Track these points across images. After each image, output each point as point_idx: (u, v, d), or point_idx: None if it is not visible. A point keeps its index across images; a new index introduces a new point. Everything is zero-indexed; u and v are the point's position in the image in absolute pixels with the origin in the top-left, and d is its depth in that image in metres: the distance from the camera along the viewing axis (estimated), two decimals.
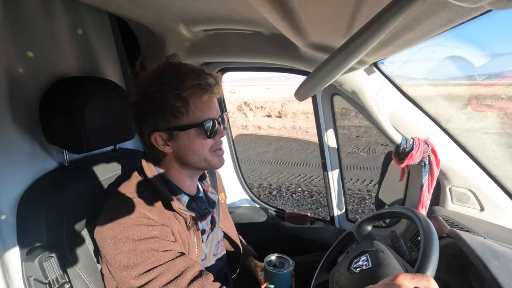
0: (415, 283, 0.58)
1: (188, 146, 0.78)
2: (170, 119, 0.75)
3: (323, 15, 0.67)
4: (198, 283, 0.70)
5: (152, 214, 0.74)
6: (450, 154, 1.07)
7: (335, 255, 1.01)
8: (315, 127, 1.52)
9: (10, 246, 0.83)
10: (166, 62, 0.78)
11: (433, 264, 0.65)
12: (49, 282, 0.80)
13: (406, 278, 0.58)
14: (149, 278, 0.68)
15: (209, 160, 0.81)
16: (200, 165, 0.82)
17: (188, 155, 0.79)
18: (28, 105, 0.91)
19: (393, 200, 1.35)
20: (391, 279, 0.60)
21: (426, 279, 0.59)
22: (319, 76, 0.65)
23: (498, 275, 0.67)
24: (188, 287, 0.69)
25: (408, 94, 1.12)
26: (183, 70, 0.75)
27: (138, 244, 0.69)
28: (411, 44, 0.74)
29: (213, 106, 0.79)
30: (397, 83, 1.12)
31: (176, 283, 0.69)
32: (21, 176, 0.88)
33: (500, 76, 5.55)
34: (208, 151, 0.80)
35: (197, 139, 0.77)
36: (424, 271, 0.63)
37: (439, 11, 0.49)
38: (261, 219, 1.69)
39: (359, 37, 0.49)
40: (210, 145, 0.80)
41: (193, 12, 0.97)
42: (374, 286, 0.61)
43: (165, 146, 0.78)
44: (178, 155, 0.80)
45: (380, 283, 0.62)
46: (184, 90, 0.72)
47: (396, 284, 0.58)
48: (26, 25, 0.88)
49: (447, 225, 0.97)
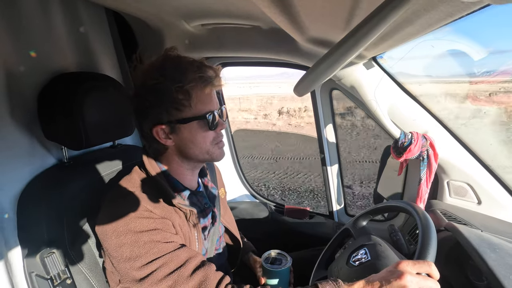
0: (417, 269, 0.60)
1: (190, 139, 0.78)
2: (172, 112, 0.75)
3: (322, 9, 0.66)
4: (201, 272, 0.70)
5: (153, 207, 0.74)
6: (448, 148, 1.08)
7: (332, 251, 1.02)
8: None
9: (11, 242, 0.83)
10: (165, 55, 0.77)
11: (432, 251, 0.66)
12: (51, 278, 0.81)
13: (408, 265, 0.61)
14: (152, 268, 0.68)
15: (211, 152, 0.82)
16: (202, 157, 0.82)
17: (190, 148, 0.80)
18: (26, 102, 0.90)
19: (391, 194, 1.36)
20: (393, 266, 0.62)
21: (427, 265, 0.61)
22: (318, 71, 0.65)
23: (494, 267, 0.68)
24: (191, 277, 0.69)
25: (406, 88, 1.12)
26: (183, 63, 0.75)
27: (140, 235, 0.69)
28: (410, 38, 0.73)
29: (213, 99, 0.80)
30: (396, 78, 1.12)
31: (179, 273, 0.69)
32: (21, 173, 0.88)
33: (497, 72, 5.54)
34: (210, 143, 0.81)
35: (199, 132, 0.78)
36: (425, 258, 0.65)
37: (438, 5, 0.48)
38: (261, 214, 1.69)
39: (358, 31, 0.49)
40: (212, 138, 0.81)
41: (191, 6, 0.96)
42: (377, 275, 0.63)
43: (167, 140, 0.78)
44: (180, 148, 0.80)
45: (383, 271, 0.63)
46: (187, 82, 0.72)
47: (399, 270, 0.60)
48: (23, 20, 0.88)
49: (445, 218, 0.98)
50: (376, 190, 1.40)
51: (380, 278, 0.61)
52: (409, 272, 0.59)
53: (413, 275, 0.58)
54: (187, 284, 0.68)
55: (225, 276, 0.74)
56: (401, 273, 0.59)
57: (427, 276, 0.60)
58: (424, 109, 1.10)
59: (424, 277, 0.59)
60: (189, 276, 0.69)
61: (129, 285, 0.71)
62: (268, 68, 1.50)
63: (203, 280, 0.69)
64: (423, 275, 0.60)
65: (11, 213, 0.85)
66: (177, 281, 0.68)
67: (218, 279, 0.71)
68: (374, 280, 0.62)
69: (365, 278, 0.64)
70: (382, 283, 0.60)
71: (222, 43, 1.25)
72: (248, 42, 1.20)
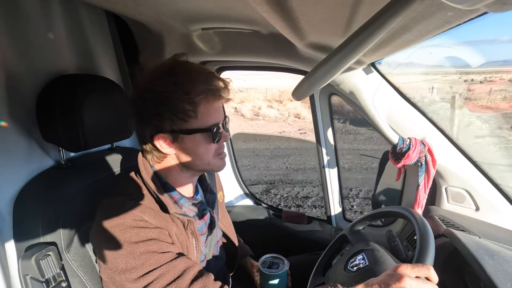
0: (416, 272, 0.60)
1: (192, 150, 0.77)
2: (177, 122, 0.73)
3: (321, 15, 0.67)
4: (199, 283, 0.69)
5: (148, 217, 0.72)
6: (446, 154, 1.08)
7: (329, 257, 1.01)
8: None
9: (6, 244, 0.82)
10: (174, 61, 0.75)
11: (431, 255, 0.66)
12: (46, 281, 0.80)
13: (407, 268, 0.60)
14: (148, 280, 0.66)
15: (212, 164, 0.81)
16: (202, 168, 0.82)
17: (192, 159, 0.78)
18: (24, 103, 0.90)
19: (389, 199, 1.36)
20: (393, 270, 0.62)
21: (426, 268, 0.61)
22: (317, 76, 0.65)
23: (492, 274, 0.68)
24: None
25: (405, 94, 1.13)
26: (193, 73, 0.73)
27: (136, 246, 0.67)
28: (408, 45, 0.74)
29: (219, 110, 0.79)
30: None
31: (176, 285, 0.67)
32: (18, 174, 0.88)
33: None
34: (212, 155, 0.79)
35: (202, 144, 0.77)
36: (424, 262, 0.65)
37: (436, 12, 0.49)
38: (259, 218, 1.69)
39: (357, 37, 0.49)
40: (214, 150, 0.79)
41: (191, 10, 0.96)
42: (376, 278, 0.62)
43: (168, 148, 0.76)
44: (180, 157, 0.79)
45: (382, 274, 0.63)
46: (195, 94, 0.71)
47: (398, 273, 0.60)
48: (23, 22, 0.88)
49: (443, 224, 0.98)
50: (374, 195, 1.40)
51: (379, 281, 0.61)
52: (408, 275, 0.59)
53: (412, 279, 0.58)
54: None
55: (223, 285, 0.73)
56: (400, 276, 0.58)
57: (426, 280, 0.60)
58: (423, 115, 1.11)
59: (423, 281, 0.59)
60: (187, 287, 0.68)
61: None
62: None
63: None
64: (422, 279, 0.60)
65: (7, 215, 0.84)
66: None
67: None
68: (373, 284, 0.61)
69: (364, 282, 0.64)
70: (381, 286, 0.59)
71: (222, 47, 1.26)
72: (248, 46, 1.21)
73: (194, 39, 1.24)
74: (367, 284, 0.62)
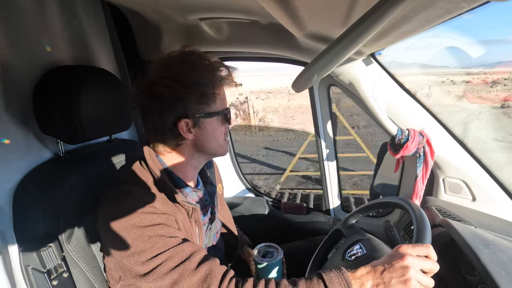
0: (416, 251, 0.63)
1: (211, 132, 0.82)
2: (201, 106, 0.78)
3: (320, 4, 0.66)
4: (206, 266, 0.70)
5: (156, 203, 0.74)
6: (444, 145, 1.08)
7: (325, 251, 1.03)
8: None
9: (7, 236, 0.83)
10: (188, 49, 0.80)
11: (428, 238, 0.68)
12: (48, 271, 0.81)
13: (408, 247, 0.63)
14: (157, 263, 0.68)
15: (223, 146, 0.87)
16: (214, 151, 0.86)
17: (210, 141, 0.83)
18: (21, 95, 0.89)
19: (387, 191, 1.37)
20: (394, 250, 0.65)
21: (426, 247, 0.64)
22: (317, 67, 0.65)
23: (487, 263, 0.69)
24: (196, 270, 0.69)
25: (404, 85, 1.12)
26: (209, 60, 0.79)
27: (145, 230, 0.69)
28: (409, 35, 0.73)
29: (225, 97, 0.86)
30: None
31: (184, 267, 0.69)
32: (16, 167, 0.88)
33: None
34: (223, 137, 0.86)
35: (219, 126, 0.83)
36: (423, 242, 0.67)
37: (437, 1, 0.48)
38: (258, 209, 1.70)
39: (357, 28, 0.49)
40: (225, 132, 0.86)
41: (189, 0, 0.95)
42: (379, 260, 0.65)
43: (188, 133, 0.79)
44: (197, 142, 0.82)
45: (384, 256, 0.66)
46: (216, 79, 0.78)
47: (400, 252, 0.63)
48: (18, 13, 0.86)
49: (440, 214, 0.99)
50: (372, 187, 1.41)
51: (382, 262, 0.63)
52: (409, 253, 0.62)
53: (414, 257, 0.61)
54: (192, 277, 0.67)
55: (229, 270, 0.74)
56: (402, 255, 0.61)
57: (427, 258, 0.63)
58: (421, 106, 1.11)
59: (424, 258, 0.62)
60: (194, 269, 0.69)
61: (132, 281, 0.71)
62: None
63: (208, 273, 0.69)
64: (422, 257, 0.63)
65: (7, 207, 0.84)
66: (182, 275, 0.67)
67: (223, 272, 0.71)
68: (377, 265, 0.63)
69: (367, 264, 0.66)
70: (384, 266, 0.62)
71: (220, 37, 1.24)
72: (246, 36, 1.19)
73: (192, 29, 1.23)
74: (371, 265, 0.65)
